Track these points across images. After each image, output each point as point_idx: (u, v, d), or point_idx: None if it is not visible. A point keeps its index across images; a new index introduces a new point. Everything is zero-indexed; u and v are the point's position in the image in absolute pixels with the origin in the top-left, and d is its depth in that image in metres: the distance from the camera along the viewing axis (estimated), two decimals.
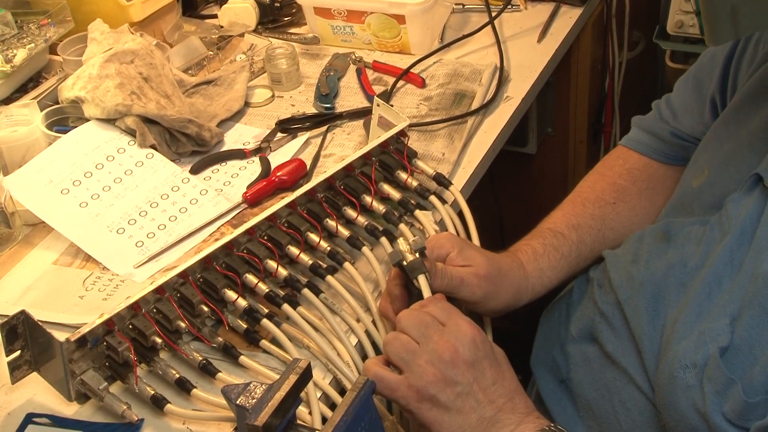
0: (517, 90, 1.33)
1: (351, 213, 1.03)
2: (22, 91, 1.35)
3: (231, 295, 0.93)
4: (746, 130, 0.91)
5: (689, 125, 1.07)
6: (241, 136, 1.27)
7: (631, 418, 0.86)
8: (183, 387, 0.87)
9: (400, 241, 0.91)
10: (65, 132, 1.18)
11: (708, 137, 0.99)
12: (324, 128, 1.26)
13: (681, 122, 1.08)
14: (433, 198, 1.06)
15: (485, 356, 0.81)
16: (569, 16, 1.52)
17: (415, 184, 1.07)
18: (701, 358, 0.77)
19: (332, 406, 0.87)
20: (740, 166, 0.89)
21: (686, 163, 1.03)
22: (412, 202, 1.05)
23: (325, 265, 0.97)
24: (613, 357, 0.90)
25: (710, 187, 0.92)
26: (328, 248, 0.99)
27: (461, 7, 1.55)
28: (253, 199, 1.13)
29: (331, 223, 1.01)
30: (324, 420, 0.84)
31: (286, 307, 0.93)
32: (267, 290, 0.94)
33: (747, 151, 0.89)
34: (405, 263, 0.88)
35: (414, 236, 0.97)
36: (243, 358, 0.90)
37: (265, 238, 0.98)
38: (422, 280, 0.88)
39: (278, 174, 1.15)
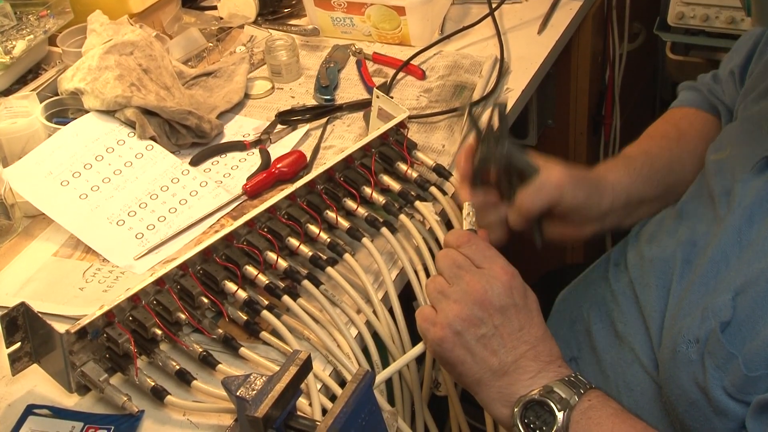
0: (518, 82, 1.33)
1: (351, 204, 1.03)
2: (21, 82, 1.35)
3: (231, 286, 0.93)
4: (758, 108, 0.92)
5: (724, 91, 1.09)
6: (240, 127, 1.27)
7: (633, 399, 0.87)
8: (183, 378, 0.87)
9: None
10: (65, 124, 1.18)
11: (735, 116, 1.00)
12: (324, 120, 1.26)
13: (721, 87, 1.10)
14: (433, 189, 1.06)
15: (515, 303, 0.81)
16: (569, 8, 1.52)
17: (415, 175, 1.07)
18: (703, 334, 0.78)
19: (332, 397, 0.87)
20: (753, 145, 0.89)
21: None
22: (413, 193, 1.04)
23: (325, 257, 0.97)
24: (621, 336, 0.91)
25: (725, 163, 0.92)
26: (328, 240, 0.99)
27: None
28: (253, 190, 1.13)
29: (331, 214, 1.01)
30: (324, 411, 0.84)
31: (286, 298, 0.93)
32: (267, 282, 0.94)
33: (759, 131, 0.90)
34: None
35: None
36: (243, 350, 0.90)
37: (265, 229, 0.98)
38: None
39: (278, 166, 1.15)
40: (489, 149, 0.92)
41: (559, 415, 0.76)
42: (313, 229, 0.99)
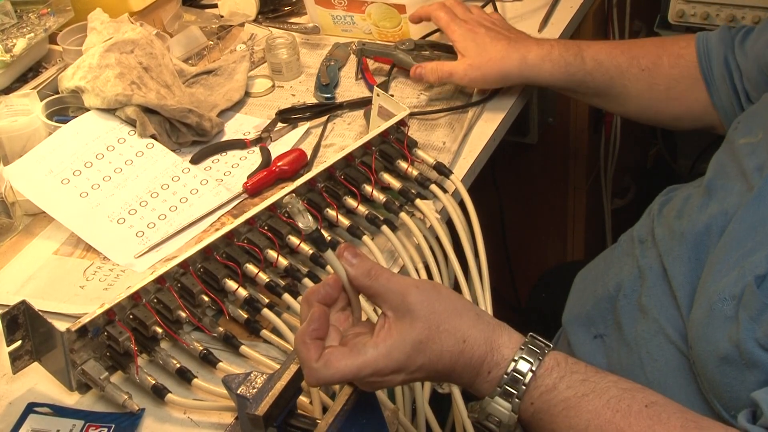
0: None
1: (351, 202, 1.03)
2: (22, 80, 1.35)
3: (231, 284, 0.93)
4: None
5: (741, 68, 1.09)
6: (241, 126, 1.27)
7: (657, 369, 0.86)
8: (184, 377, 0.87)
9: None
10: (65, 122, 1.18)
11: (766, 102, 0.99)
12: (324, 118, 1.26)
13: (744, 58, 1.09)
14: (433, 187, 1.06)
15: (399, 368, 0.72)
16: (570, 5, 1.51)
17: (415, 173, 1.07)
18: (739, 290, 0.78)
19: (333, 395, 0.87)
20: None
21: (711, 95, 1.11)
22: (413, 191, 1.04)
23: None
24: (645, 308, 0.91)
25: (759, 146, 0.92)
26: (329, 238, 0.99)
27: None
28: (254, 189, 1.13)
29: (332, 212, 1.01)
30: (324, 410, 0.84)
31: (286, 296, 0.93)
32: (267, 280, 0.94)
33: None
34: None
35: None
36: (243, 348, 0.90)
37: (266, 227, 0.98)
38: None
39: (279, 164, 1.15)
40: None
41: None
42: None
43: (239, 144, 1.22)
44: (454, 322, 0.73)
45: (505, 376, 0.72)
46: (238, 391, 0.73)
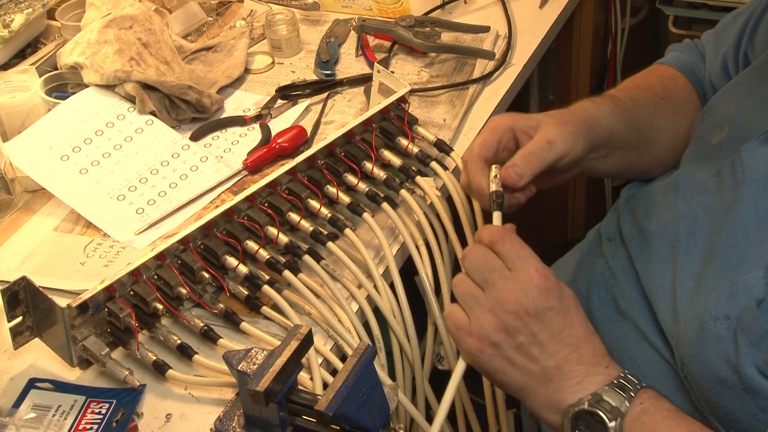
0: (519, 56, 1.32)
1: (352, 179, 1.03)
2: (20, 56, 1.34)
3: (232, 261, 0.93)
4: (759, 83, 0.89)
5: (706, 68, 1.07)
6: (241, 102, 1.27)
7: (642, 375, 0.85)
8: (184, 353, 0.88)
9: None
10: (64, 98, 1.18)
11: (726, 92, 0.96)
12: (324, 95, 1.26)
13: (704, 65, 1.07)
14: (434, 164, 1.06)
15: (551, 307, 0.77)
16: None
17: (416, 150, 1.06)
18: (735, 310, 0.76)
19: (333, 372, 0.87)
20: (761, 121, 0.87)
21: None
22: (413, 168, 1.04)
23: (326, 232, 0.97)
24: (624, 312, 0.90)
25: (730, 144, 0.90)
26: (329, 215, 0.99)
27: None
28: (254, 166, 1.13)
29: (332, 189, 1.01)
30: (325, 386, 0.84)
31: (287, 273, 0.93)
32: (268, 257, 0.94)
33: (763, 105, 0.88)
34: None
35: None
36: (244, 325, 0.90)
37: (266, 204, 0.98)
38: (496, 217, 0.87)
39: (279, 141, 1.14)
40: None
41: (611, 425, 0.73)
42: (314, 204, 0.99)
43: (239, 121, 1.22)
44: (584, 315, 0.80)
45: (622, 374, 0.76)
46: (239, 367, 0.73)
